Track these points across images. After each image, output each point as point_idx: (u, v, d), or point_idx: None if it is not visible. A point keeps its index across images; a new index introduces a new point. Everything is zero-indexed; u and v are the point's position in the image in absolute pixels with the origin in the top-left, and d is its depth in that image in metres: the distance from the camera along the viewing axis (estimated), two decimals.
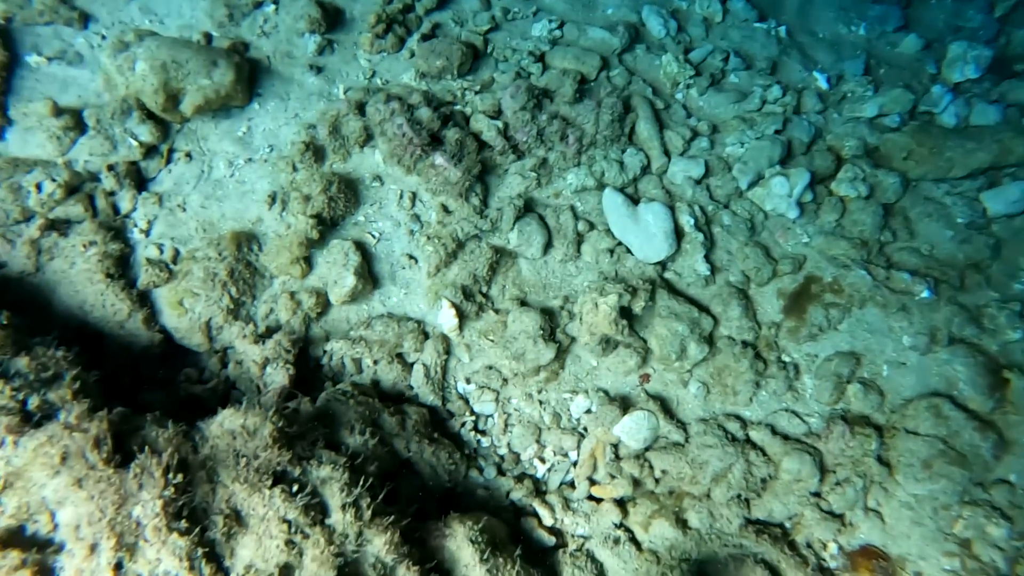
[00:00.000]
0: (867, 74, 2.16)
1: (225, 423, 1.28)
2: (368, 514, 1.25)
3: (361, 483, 1.27)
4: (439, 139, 1.77)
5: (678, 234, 1.78)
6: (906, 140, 1.94)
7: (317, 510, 1.23)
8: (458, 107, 1.91)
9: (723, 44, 2.18)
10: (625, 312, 1.65)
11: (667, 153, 1.91)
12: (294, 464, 1.26)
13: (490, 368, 1.70)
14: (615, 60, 2.07)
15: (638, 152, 1.88)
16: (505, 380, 1.69)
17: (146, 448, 1.17)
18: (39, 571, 1.02)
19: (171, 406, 1.56)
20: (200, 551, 1.09)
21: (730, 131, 1.95)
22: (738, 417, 1.68)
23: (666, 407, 1.69)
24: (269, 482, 1.20)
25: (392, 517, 1.26)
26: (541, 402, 1.69)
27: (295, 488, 1.20)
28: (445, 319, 1.16)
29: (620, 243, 1.79)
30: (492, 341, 1.70)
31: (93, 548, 1.05)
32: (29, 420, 1.19)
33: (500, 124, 1.84)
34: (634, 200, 1.83)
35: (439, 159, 1.72)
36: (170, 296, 1.63)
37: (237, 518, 1.16)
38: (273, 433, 1.26)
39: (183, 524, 1.10)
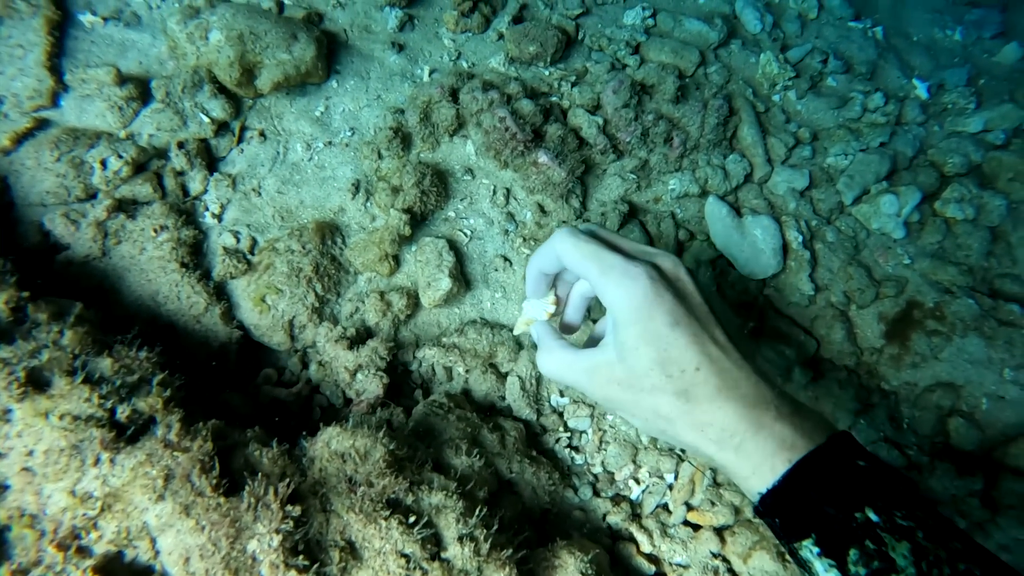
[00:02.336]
0: (969, 84, 2.08)
1: (332, 444, 1.18)
2: (486, 547, 1.17)
3: (477, 512, 1.18)
4: (541, 134, 1.66)
5: (784, 250, 1.70)
6: (1013, 160, 1.86)
7: (432, 542, 1.14)
8: (554, 99, 1.79)
9: (819, 43, 2.07)
10: None
11: (770, 161, 1.81)
12: (407, 491, 1.17)
13: None
14: (712, 56, 1.96)
15: (742, 159, 1.78)
16: None
17: (258, 473, 1.07)
18: None
19: (253, 409, 1.45)
20: None
21: (835, 140, 1.86)
22: None
23: None
24: (386, 512, 1.10)
25: (509, 551, 1.17)
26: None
27: (412, 519, 1.11)
28: (538, 310, 0.99)
29: (721, 255, 1.70)
30: None
31: None
32: (122, 433, 1.07)
33: (600, 120, 1.73)
34: (734, 209, 1.74)
35: (543, 157, 1.61)
36: (250, 290, 1.51)
37: (352, 551, 1.07)
38: (386, 456, 1.17)
39: (301, 560, 1.00)
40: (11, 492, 0.96)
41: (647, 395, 0.79)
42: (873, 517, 0.67)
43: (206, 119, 1.63)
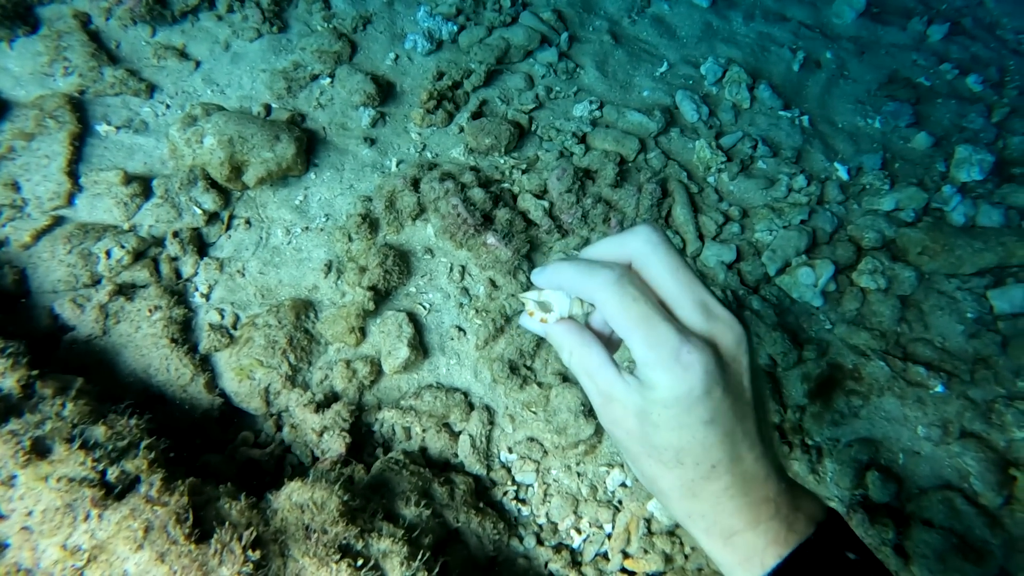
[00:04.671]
0: (884, 168, 2.31)
1: (294, 496, 1.36)
2: None
3: (420, 557, 1.34)
4: (490, 218, 1.88)
5: None
6: (920, 236, 2.07)
7: None
8: (506, 185, 2.03)
9: (752, 130, 2.32)
10: None
11: (701, 237, 2.03)
12: (357, 537, 1.33)
13: (531, 440, 1.78)
14: (652, 143, 2.20)
15: (674, 235, 2.00)
16: (546, 452, 1.77)
17: (226, 523, 1.25)
18: None
19: (230, 469, 1.63)
20: None
21: (760, 218, 2.08)
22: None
23: None
24: (336, 556, 1.27)
25: None
26: (579, 474, 1.77)
27: (360, 562, 1.27)
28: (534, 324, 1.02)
29: None
30: (535, 413, 1.79)
31: None
32: (110, 492, 1.25)
33: (546, 204, 1.96)
34: None
35: (491, 239, 1.83)
36: (232, 361, 1.71)
37: None
38: (340, 507, 1.34)
39: None
40: (10, 550, 1.14)
41: (653, 462, 0.73)
42: None
43: (199, 211, 1.87)
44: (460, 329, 1.86)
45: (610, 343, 0.79)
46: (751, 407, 0.74)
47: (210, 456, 1.63)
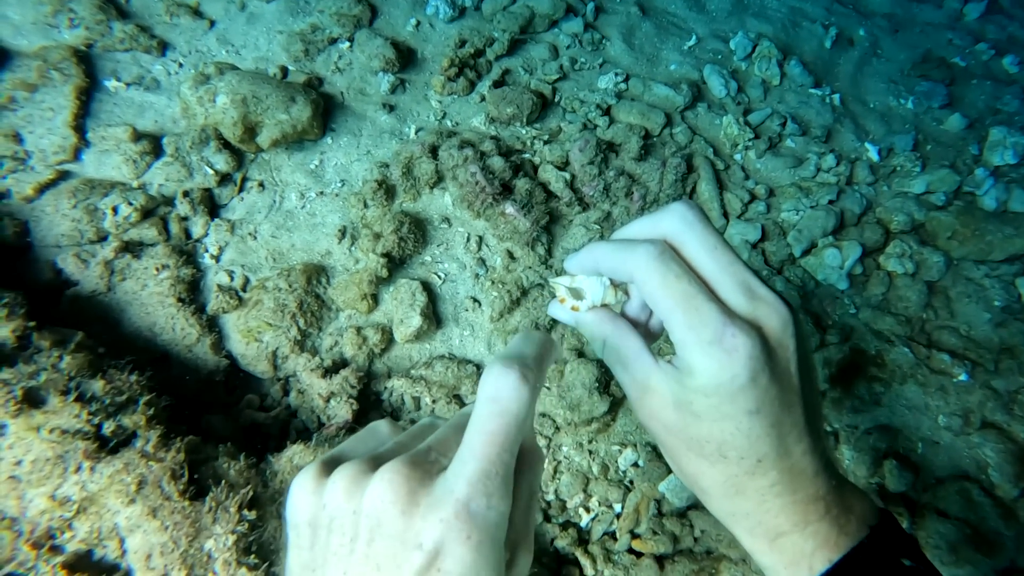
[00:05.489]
0: (915, 149, 2.22)
1: (295, 459, 1.32)
2: None
3: None
4: (510, 188, 1.82)
5: None
6: (951, 220, 1.98)
7: None
8: (527, 155, 1.96)
9: (781, 108, 2.24)
10: None
11: (726, 215, 1.96)
12: None
13: (543, 415, 1.73)
14: (678, 117, 2.13)
15: None
16: (557, 428, 1.72)
17: (222, 482, 1.21)
18: None
19: (234, 431, 1.59)
20: None
21: (787, 198, 2.00)
22: None
23: None
24: None
25: None
26: (591, 452, 1.72)
27: None
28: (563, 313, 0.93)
29: None
30: (548, 389, 1.74)
31: None
32: (105, 445, 1.21)
33: (568, 176, 1.90)
34: None
35: (510, 208, 1.77)
36: (239, 324, 1.67)
37: None
38: None
39: (252, 559, 1.13)
40: None
41: (693, 457, 0.68)
42: None
43: (210, 171, 1.82)
44: (475, 300, 1.81)
45: (647, 334, 0.74)
46: (798, 396, 0.67)
47: (213, 417, 1.59)
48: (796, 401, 0.67)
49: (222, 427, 1.55)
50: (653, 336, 0.75)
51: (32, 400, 1.19)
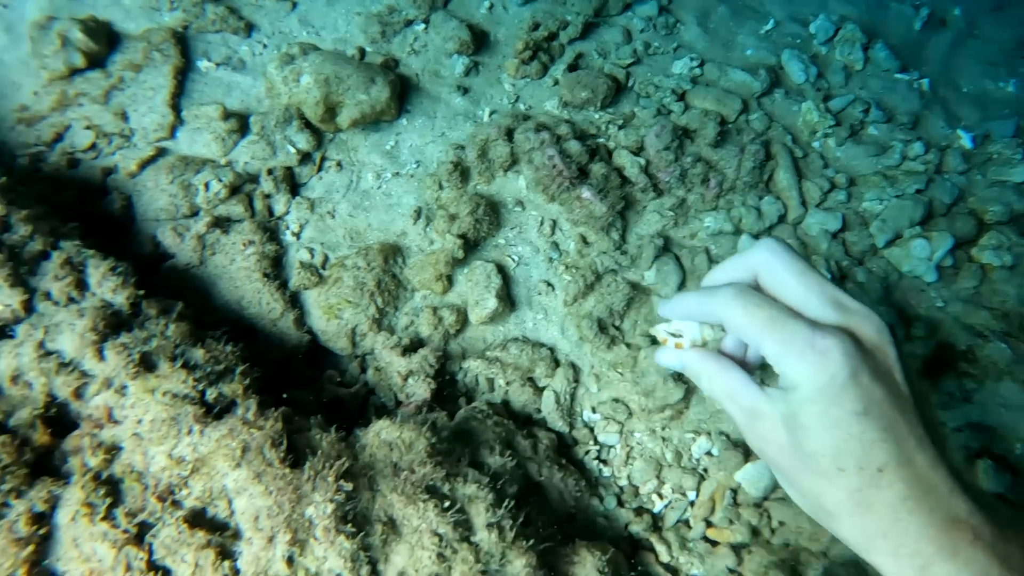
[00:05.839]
0: (1016, 136, 2.11)
1: (382, 434, 1.35)
2: (511, 535, 1.30)
3: (504, 505, 1.32)
4: (586, 172, 1.82)
5: None
6: None
7: (464, 527, 1.28)
8: (601, 140, 1.95)
9: (863, 94, 2.17)
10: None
11: (804, 203, 1.91)
12: (443, 480, 1.31)
13: (616, 400, 1.73)
14: (754, 103, 2.09)
15: (776, 200, 1.89)
16: (631, 413, 1.72)
17: (319, 452, 1.25)
18: (220, 552, 1.09)
19: (316, 405, 1.64)
20: (362, 554, 1.15)
21: (870, 186, 1.94)
22: None
23: None
24: (424, 496, 1.25)
25: (532, 541, 1.30)
26: (664, 439, 1.71)
27: (446, 504, 1.26)
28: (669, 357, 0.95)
29: None
30: (621, 374, 1.74)
31: (271, 540, 1.11)
32: (210, 411, 1.26)
33: (643, 161, 1.88)
34: None
35: (586, 192, 1.77)
36: (320, 300, 1.71)
37: (393, 527, 1.22)
38: (427, 448, 1.32)
39: (349, 528, 1.16)
40: (124, 452, 1.17)
41: (810, 476, 0.66)
42: None
43: (293, 150, 1.87)
44: (548, 284, 1.81)
45: (745, 366, 0.77)
46: (910, 402, 0.65)
47: (297, 391, 1.64)
48: (909, 407, 0.64)
49: (307, 402, 1.60)
50: (751, 368, 0.78)
51: (146, 364, 1.25)
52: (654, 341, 1.72)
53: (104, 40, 1.85)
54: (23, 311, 1.28)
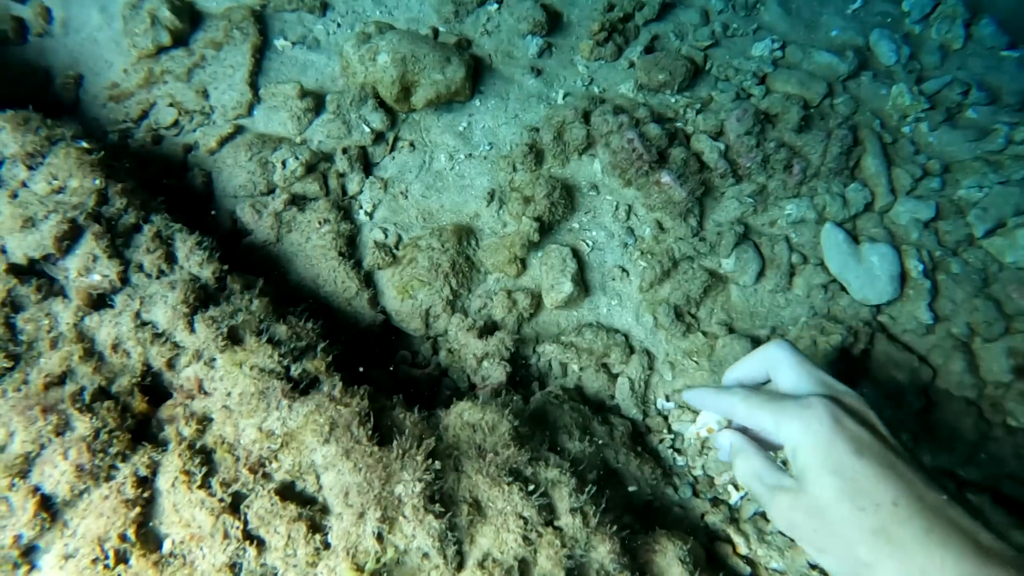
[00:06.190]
0: None
1: (464, 415, 1.34)
2: (594, 521, 1.28)
3: (587, 490, 1.30)
4: (664, 156, 1.77)
5: (903, 278, 1.70)
6: None
7: (548, 511, 1.26)
8: (679, 124, 1.90)
9: (961, 74, 2.05)
10: (844, 354, 1.60)
11: (894, 191, 1.83)
12: (526, 464, 1.30)
13: (690, 388, 1.69)
14: (839, 87, 2.00)
15: (863, 188, 1.81)
16: None
17: (406, 431, 1.24)
18: (311, 526, 1.10)
19: (391, 385, 1.64)
20: (449, 534, 1.14)
21: (968, 173, 1.84)
22: (952, 475, 1.60)
23: None
24: (508, 479, 1.24)
25: (615, 527, 1.28)
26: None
27: (531, 487, 1.24)
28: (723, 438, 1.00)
29: (835, 280, 1.74)
30: (696, 363, 1.69)
31: (361, 516, 1.11)
32: (296, 387, 1.27)
33: (722, 146, 1.82)
34: (852, 236, 1.77)
35: (666, 177, 1.72)
36: (394, 280, 1.71)
37: (478, 508, 1.20)
38: (511, 431, 1.31)
39: (437, 507, 1.15)
40: (215, 423, 1.18)
41: (837, 528, 0.68)
42: None
43: (367, 129, 1.86)
44: (623, 270, 1.78)
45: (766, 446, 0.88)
46: (903, 451, 0.71)
47: (373, 370, 1.64)
48: (901, 453, 0.71)
49: (381, 380, 1.60)
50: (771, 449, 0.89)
51: (234, 338, 1.26)
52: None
53: (188, 18, 1.87)
54: (119, 282, 1.31)
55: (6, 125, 1.35)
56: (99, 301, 1.28)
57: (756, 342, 1.68)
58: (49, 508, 1.01)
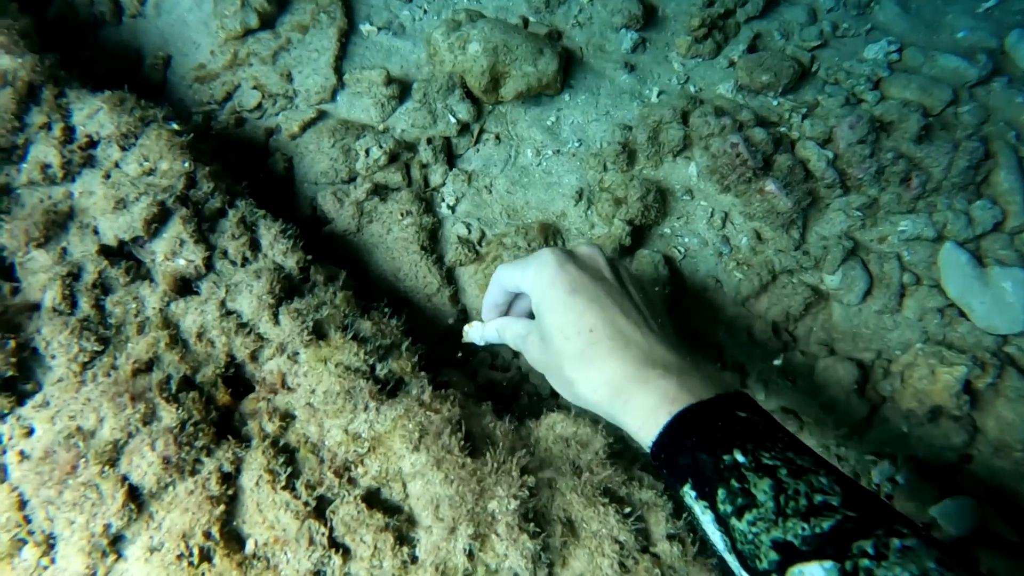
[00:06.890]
0: None
1: (557, 428, 1.25)
2: (693, 551, 1.17)
3: (683, 516, 1.20)
4: (769, 163, 1.65)
5: None
6: None
7: (643, 536, 1.16)
8: (783, 129, 1.77)
9: None
10: (965, 386, 1.46)
11: None
12: (621, 484, 1.20)
13: (786, 411, 1.57)
14: (965, 94, 1.84)
15: (992, 205, 1.65)
16: (802, 425, 1.56)
17: (499, 443, 1.17)
18: (398, 537, 1.03)
19: (472, 387, 1.57)
20: (543, 555, 1.06)
21: None
22: None
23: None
24: (604, 499, 1.15)
25: (713, 559, 1.18)
26: (839, 457, 1.54)
27: (627, 510, 1.15)
28: (473, 333, 1.31)
29: (952, 304, 1.59)
30: (792, 383, 1.57)
31: (452, 531, 1.05)
32: (383, 388, 1.20)
33: (830, 154, 1.69)
34: (976, 258, 1.62)
35: (771, 185, 1.60)
36: (477, 278, 1.64)
37: (571, 529, 1.12)
38: (605, 448, 1.22)
39: (532, 527, 1.08)
40: (298, 421, 1.13)
41: (555, 358, 0.87)
42: (740, 458, 0.69)
43: (453, 120, 1.79)
44: (716, 280, 1.67)
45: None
46: (619, 289, 0.88)
47: (451, 371, 1.58)
48: (615, 291, 0.87)
49: (461, 383, 1.53)
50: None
51: (318, 333, 1.21)
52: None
53: (276, 1, 1.83)
54: (204, 268, 1.26)
55: (104, 105, 1.32)
56: (184, 287, 1.24)
57: (859, 365, 1.56)
58: (136, 499, 0.96)
